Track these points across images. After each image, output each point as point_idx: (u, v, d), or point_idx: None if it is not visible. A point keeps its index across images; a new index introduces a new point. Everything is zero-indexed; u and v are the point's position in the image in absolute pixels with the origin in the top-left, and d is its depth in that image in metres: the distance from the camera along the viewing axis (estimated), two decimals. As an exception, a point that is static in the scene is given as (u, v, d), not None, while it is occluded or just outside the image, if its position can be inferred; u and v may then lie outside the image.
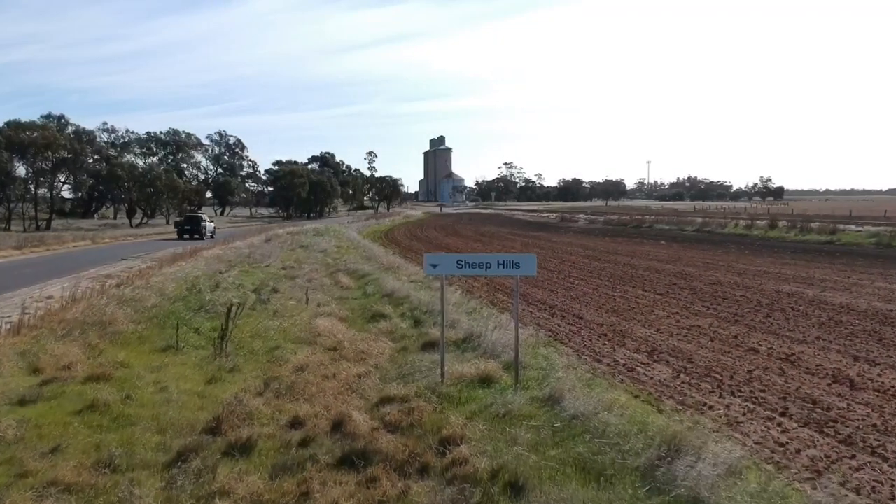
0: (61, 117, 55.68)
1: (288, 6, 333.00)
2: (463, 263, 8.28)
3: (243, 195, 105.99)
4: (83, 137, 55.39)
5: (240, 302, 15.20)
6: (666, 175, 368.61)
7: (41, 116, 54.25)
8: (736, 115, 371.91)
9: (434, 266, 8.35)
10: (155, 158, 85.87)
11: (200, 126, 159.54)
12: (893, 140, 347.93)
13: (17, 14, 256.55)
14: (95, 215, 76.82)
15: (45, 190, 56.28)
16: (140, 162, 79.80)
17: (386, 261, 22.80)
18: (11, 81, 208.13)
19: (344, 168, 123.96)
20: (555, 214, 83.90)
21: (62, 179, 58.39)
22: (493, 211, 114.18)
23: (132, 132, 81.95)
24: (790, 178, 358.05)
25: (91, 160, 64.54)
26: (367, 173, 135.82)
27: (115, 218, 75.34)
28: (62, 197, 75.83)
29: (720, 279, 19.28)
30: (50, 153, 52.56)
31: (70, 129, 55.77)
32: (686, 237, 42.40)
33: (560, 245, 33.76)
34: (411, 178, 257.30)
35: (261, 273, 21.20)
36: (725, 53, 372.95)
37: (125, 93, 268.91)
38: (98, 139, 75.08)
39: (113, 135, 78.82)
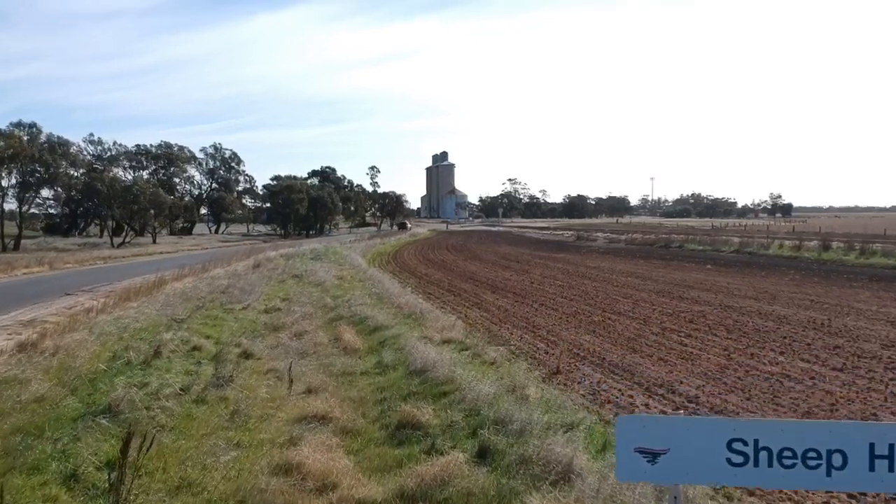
0: (33, 125, 50.13)
1: (292, 24, 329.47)
2: (745, 457, 2.50)
3: (239, 211, 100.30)
4: (58, 148, 49.77)
5: (182, 390, 9.46)
6: (669, 191, 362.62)
7: (10, 124, 48.74)
8: (738, 132, 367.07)
9: (651, 458, 2.58)
10: (145, 173, 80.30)
11: (203, 143, 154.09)
12: (894, 157, 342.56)
13: (21, 31, 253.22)
14: (82, 233, 71.23)
15: (17, 205, 50.73)
16: (128, 176, 74.48)
17: (403, 301, 17.04)
18: (16, 98, 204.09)
19: (346, 183, 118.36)
20: (569, 233, 78.10)
21: (36, 193, 52.78)
22: (501, 228, 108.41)
23: (120, 145, 76.47)
24: (792, 195, 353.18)
25: (77, 173, 59.09)
26: (370, 189, 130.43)
27: (101, 236, 69.71)
28: (48, 213, 70.45)
29: (886, 335, 13.49)
30: (19, 164, 46.98)
31: (43, 138, 50.15)
32: (729, 260, 36.79)
33: (606, 273, 27.99)
34: (413, 193, 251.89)
35: (233, 321, 15.43)
36: (728, 70, 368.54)
37: (128, 109, 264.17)
38: (83, 152, 69.89)
39: (99, 147, 73.32)
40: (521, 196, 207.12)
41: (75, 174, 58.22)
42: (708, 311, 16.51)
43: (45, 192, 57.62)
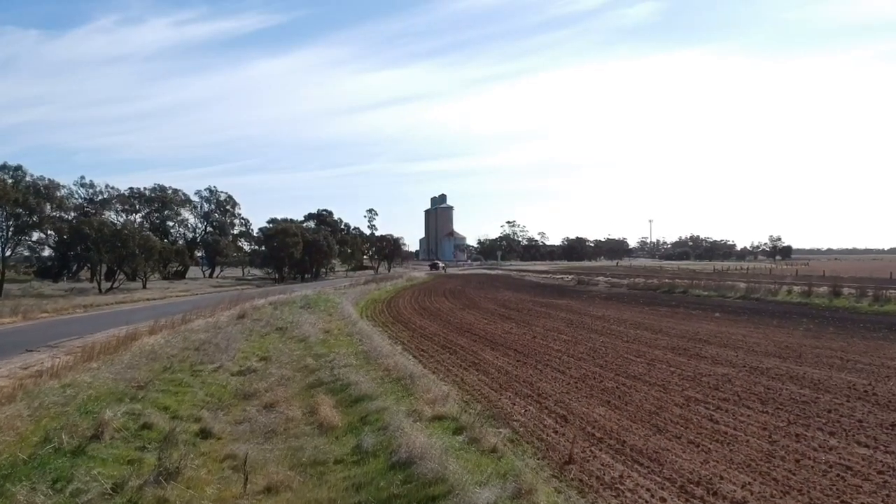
0: (18, 168, 48.96)
1: (293, 69, 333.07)
2: None
3: (234, 255, 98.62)
4: (42, 191, 48.49)
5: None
6: (667, 234, 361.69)
7: (-6, 166, 47.78)
8: (736, 174, 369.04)
9: None
10: (138, 216, 79.03)
11: (202, 186, 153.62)
12: (891, 199, 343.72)
13: (26, 77, 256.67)
14: (73, 277, 69.55)
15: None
16: (121, 219, 73.25)
17: (392, 363, 15.30)
18: (19, 141, 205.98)
19: (342, 226, 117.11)
20: (570, 276, 76.39)
21: (20, 237, 51.25)
22: (500, 272, 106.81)
23: (112, 188, 75.26)
24: (791, 237, 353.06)
25: (68, 216, 57.85)
26: (367, 231, 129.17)
27: (91, 280, 68.07)
28: (40, 257, 68.86)
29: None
30: (2, 208, 45.63)
31: (29, 180, 48.92)
32: (737, 307, 35.18)
33: (612, 324, 26.28)
34: (411, 236, 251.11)
35: (199, 386, 13.67)
36: (726, 112, 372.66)
37: (129, 153, 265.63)
38: (75, 195, 68.79)
39: (90, 190, 72.15)
40: (520, 238, 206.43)
41: (66, 217, 57.00)
42: (733, 375, 14.77)
43: (35, 236, 56.46)
